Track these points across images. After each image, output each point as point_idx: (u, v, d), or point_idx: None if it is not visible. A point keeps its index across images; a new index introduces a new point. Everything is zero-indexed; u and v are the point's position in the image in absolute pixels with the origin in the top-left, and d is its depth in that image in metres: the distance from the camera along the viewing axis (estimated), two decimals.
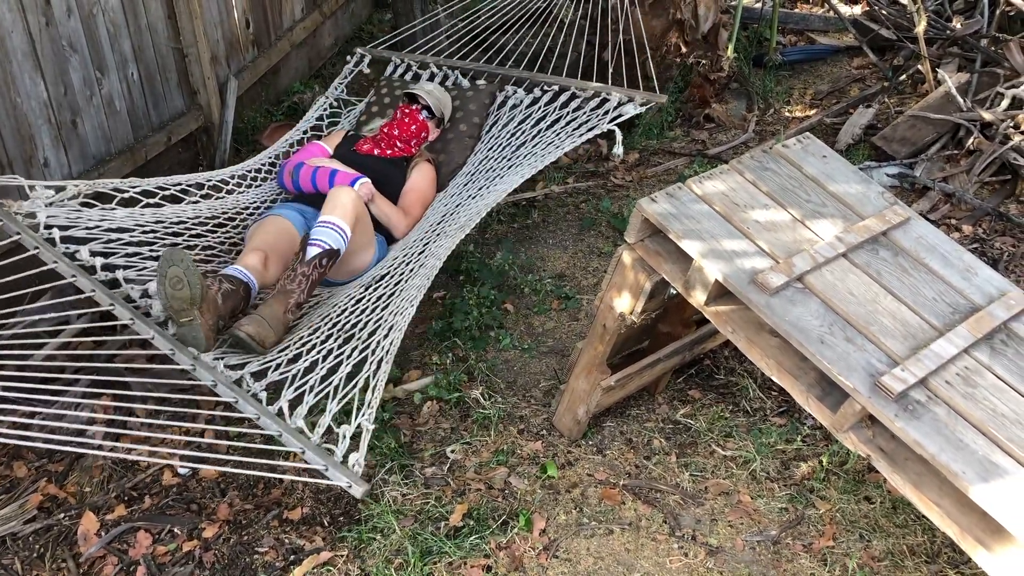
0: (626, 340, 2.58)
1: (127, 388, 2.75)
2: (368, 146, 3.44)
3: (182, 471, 2.60)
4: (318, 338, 2.44)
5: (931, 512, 1.86)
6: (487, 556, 2.30)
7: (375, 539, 2.36)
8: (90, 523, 2.43)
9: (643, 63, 3.91)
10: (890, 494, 2.45)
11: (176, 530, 2.42)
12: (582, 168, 4.15)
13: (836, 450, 2.57)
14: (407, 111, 3.51)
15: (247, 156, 4.24)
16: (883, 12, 4.83)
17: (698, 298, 2.12)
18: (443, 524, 2.39)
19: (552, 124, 3.54)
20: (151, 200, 2.98)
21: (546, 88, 3.72)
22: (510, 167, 3.35)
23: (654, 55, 4.11)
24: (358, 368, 2.28)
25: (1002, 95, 4.00)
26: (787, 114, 4.54)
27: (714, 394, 2.85)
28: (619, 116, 3.49)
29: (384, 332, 2.42)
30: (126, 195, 2.91)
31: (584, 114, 3.53)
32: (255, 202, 3.33)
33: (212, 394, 2.20)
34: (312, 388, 2.21)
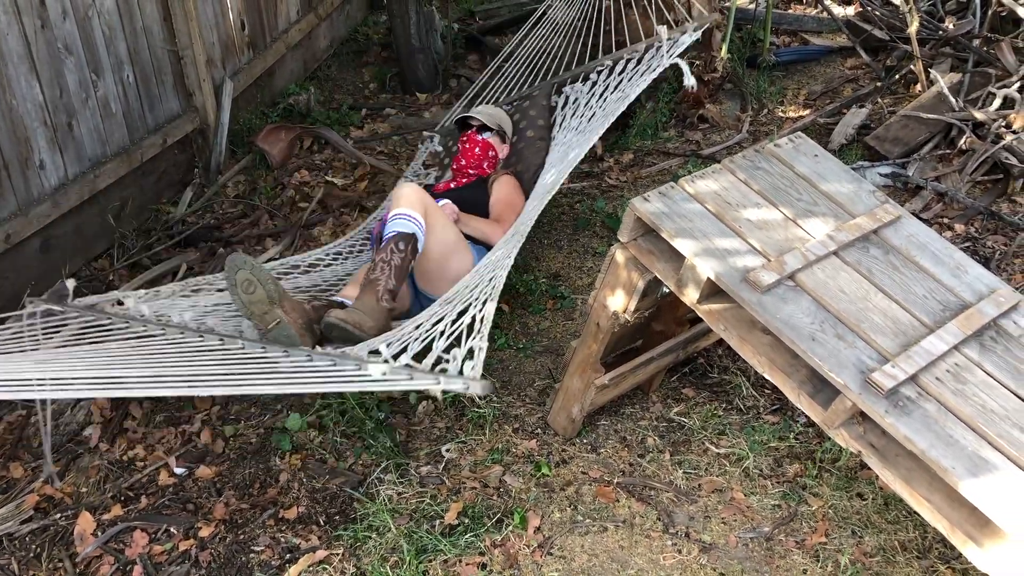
0: (620, 339, 2.59)
1: None
2: (443, 184, 3.48)
3: (178, 470, 2.61)
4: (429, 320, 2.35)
5: (921, 508, 1.88)
6: (482, 554, 2.32)
7: (371, 537, 2.37)
8: (86, 523, 2.44)
9: None
10: (882, 490, 2.47)
11: (172, 529, 2.43)
12: (577, 169, 4.17)
13: (828, 447, 2.59)
14: (465, 138, 3.51)
15: (242, 158, 4.26)
16: (876, 13, 4.85)
17: (691, 296, 2.13)
18: (438, 522, 2.41)
19: (616, 88, 3.50)
20: None
21: (599, 69, 3.72)
22: (586, 137, 3.29)
23: None
24: (462, 314, 2.19)
25: (994, 95, 4.02)
26: (781, 114, 4.56)
27: (707, 392, 2.87)
28: (677, 50, 3.43)
29: (488, 278, 2.36)
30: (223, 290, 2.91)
31: (643, 64, 3.50)
32: (353, 271, 3.32)
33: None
34: (417, 339, 2.14)
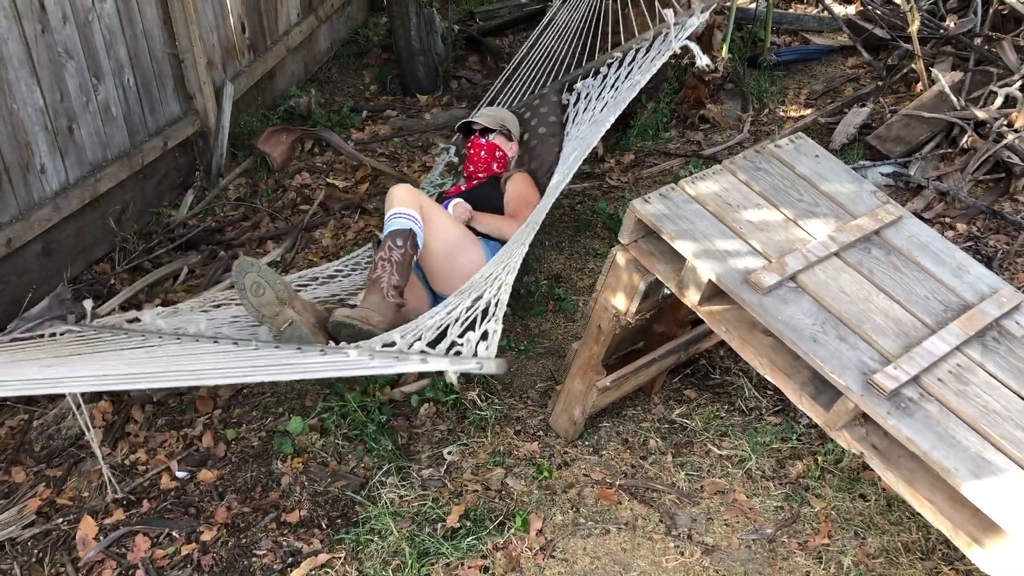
0: (621, 341, 2.59)
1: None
2: (454, 188, 3.49)
3: (180, 474, 2.61)
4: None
5: (924, 509, 1.87)
6: (484, 557, 2.31)
7: (373, 541, 2.37)
8: (88, 527, 2.44)
9: None
10: (884, 492, 2.46)
11: (174, 534, 2.43)
12: (578, 170, 4.16)
13: (831, 448, 2.58)
14: (469, 144, 3.51)
15: (243, 160, 4.26)
16: (877, 12, 4.84)
17: (692, 298, 2.13)
18: (440, 525, 2.40)
19: (627, 77, 3.49)
20: None
21: (609, 62, 3.69)
22: (598, 128, 3.28)
23: None
24: (476, 300, 2.20)
25: (995, 93, 4.02)
26: (782, 114, 4.55)
27: (709, 394, 2.86)
28: (686, 32, 3.40)
29: (503, 265, 2.36)
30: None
31: (653, 51, 3.47)
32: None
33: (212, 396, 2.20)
34: (431, 328, 2.13)
